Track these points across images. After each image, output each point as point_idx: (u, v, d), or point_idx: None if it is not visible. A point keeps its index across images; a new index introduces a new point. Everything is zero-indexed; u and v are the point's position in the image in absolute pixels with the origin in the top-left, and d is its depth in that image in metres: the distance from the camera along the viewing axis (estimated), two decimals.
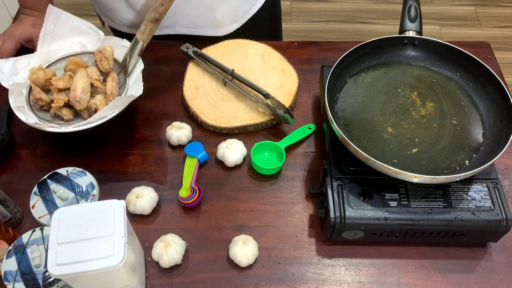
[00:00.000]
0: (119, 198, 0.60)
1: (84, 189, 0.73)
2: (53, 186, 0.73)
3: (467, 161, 0.70)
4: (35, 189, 0.73)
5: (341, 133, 0.68)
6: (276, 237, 0.74)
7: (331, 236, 0.70)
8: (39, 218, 0.71)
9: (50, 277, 0.61)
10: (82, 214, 0.57)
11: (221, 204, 0.77)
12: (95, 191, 0.74)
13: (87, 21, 0.89)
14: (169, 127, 0.83)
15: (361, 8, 2.44)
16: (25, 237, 0.65)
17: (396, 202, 0.68)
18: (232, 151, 0.79)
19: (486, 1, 2.46)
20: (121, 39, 0.87)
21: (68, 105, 0.80)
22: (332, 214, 0.67)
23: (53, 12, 0.87)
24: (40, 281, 0.61)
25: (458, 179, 0.65)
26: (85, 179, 0.75)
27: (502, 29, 2.33)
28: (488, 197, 0.68)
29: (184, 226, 0.75)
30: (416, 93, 0.78)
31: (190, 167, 0.80)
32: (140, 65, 0.84)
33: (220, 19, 0.99)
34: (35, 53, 0.86)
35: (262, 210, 0.76)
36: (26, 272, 0.61)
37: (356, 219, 0.67)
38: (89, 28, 0.89)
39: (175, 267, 0.70)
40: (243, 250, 0.69)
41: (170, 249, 0.68)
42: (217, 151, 0.81)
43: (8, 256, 0.63)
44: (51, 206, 0.71)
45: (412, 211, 0.67)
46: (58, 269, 0.53)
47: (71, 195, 0.73)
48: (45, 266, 0.59)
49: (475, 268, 0.70)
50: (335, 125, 0.69)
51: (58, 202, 0.72)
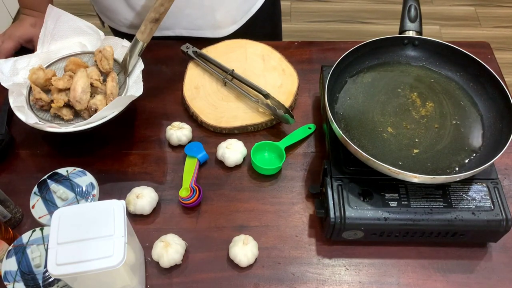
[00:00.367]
0: (119, 198, 0.60)
1: (84, 189, 0.73)
2: (53, 186, 0.73)
3: (467, 161, 0.70)
4: (35, 189, 0.73)
5: (341, 133, 0.68)
6: (276, 237, 0.74)
7: (331, 236, 0.70)
8: (39, 218, 0.71)
9: (50, 277, 0.61)
10: (82, 214, 0.57)
11: (221, 204, 0.77)
12: (95, 191, 0.74)
13: (87, 21, 0.89)
14: (169, 127, 0.83)
15: (361, 8, 2.43)
16: (25, 237, 0.65)
17: (396, 202, 0.68)
18: (232, 151, 0.79)
19: (486, 1, 2.46)
20: (121, 39, 0.87)
21: (68, 105, 0.80)
22: (332, 214, 0.67)
23: (53, 12, 0.86)
24: (40, 281, 0.61)
25: (458, 179, 0.65)
26: (85, 179, 0.75)
27: (502, 29, 2.33)
28: (488, 197, 0.68)
29: (184, 226, 0.75)
30: (416, 93, 0.78)
31: (190, 167, 0.80)
32: (140, 65, 0.84)
33: (220, 20, 0.99)
34: (35, 53, 0.86)
35: (262, 210, 0.76)
36: (26, 272, 0.61)
37: (356, 219, 0.67)
38: (89, 28, 0.89)
39: (175, 267, 0.70)
40: (243, 250, 0.69)
41: (170, 249, 0.68)
42: (217, 151, 0.81)
43: (8, 256, 0.63)
44: (51, 206, 0.71)
45: (412, 211, 0.67)
46: (58, 269, 0.53)
47: (71, 195, 0.73)
48: (45, 266, 0.59)
49: (475, 268, 0.70)
50: (335, 125, 0.69)
51: (58, 202, 0.72)
